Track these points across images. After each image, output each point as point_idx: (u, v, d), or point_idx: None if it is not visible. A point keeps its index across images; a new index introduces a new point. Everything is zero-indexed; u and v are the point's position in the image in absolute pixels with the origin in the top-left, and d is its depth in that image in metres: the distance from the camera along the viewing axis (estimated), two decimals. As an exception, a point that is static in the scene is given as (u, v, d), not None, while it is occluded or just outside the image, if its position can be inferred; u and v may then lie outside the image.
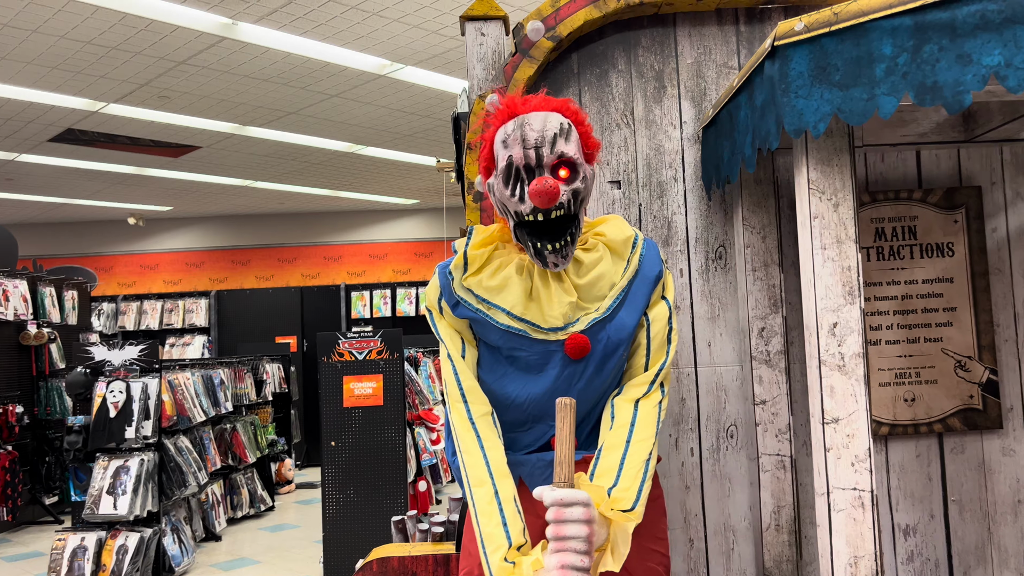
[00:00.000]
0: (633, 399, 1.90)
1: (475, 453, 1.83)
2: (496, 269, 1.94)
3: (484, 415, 1.88)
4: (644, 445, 1.83)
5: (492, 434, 1.87)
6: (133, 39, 5.84)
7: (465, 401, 1.89)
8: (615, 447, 1.83)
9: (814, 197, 1.75)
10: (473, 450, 1.84)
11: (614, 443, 1.84)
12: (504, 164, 1.84)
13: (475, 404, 1.89)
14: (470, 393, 1.90)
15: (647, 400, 1.90)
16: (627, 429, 1.85)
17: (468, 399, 1.89)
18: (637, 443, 1.83)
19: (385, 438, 6.12)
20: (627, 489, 1.76)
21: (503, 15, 2.40)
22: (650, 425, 1.87)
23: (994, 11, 1.41)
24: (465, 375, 1.92)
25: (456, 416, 1.89)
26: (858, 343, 1.73)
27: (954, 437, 2.38)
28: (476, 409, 1.89)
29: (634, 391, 1.91)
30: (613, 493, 1.74)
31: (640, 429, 1.85)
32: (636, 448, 1.82)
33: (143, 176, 10.17)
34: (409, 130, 8.72)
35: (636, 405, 1.89)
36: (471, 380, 1.92)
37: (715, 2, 2.39)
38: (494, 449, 1.83)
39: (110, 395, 6.06)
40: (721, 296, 2.41)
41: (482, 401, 1.90)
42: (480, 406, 1.89)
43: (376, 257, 13.19)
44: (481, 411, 1.88)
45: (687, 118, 2.44)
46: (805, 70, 1.64)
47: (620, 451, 1.82)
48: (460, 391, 1.90)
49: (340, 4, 5.50)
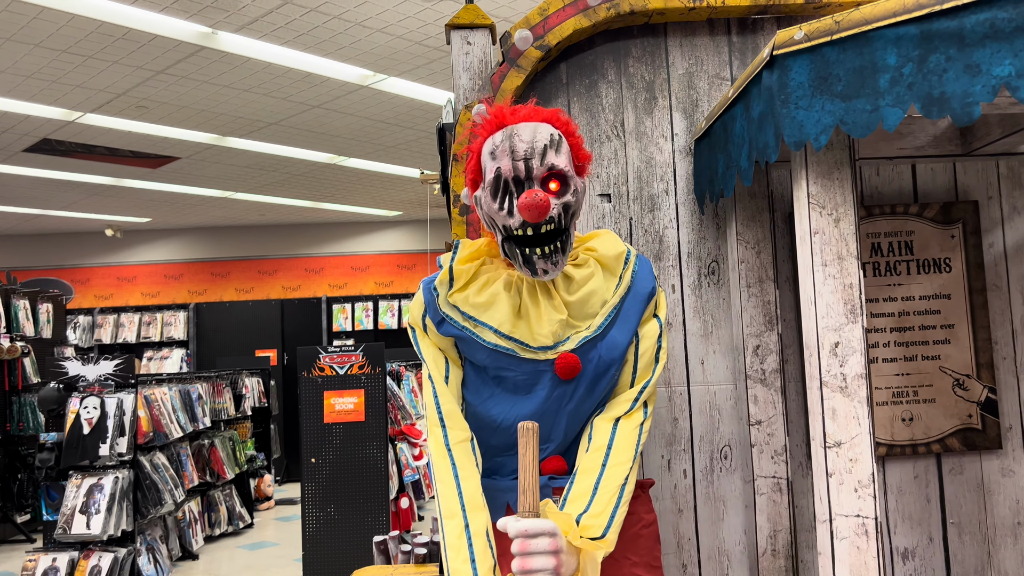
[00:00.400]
0: (613, 418, 1.83)
1: (448, 483, 1.75)
2: (483, 285, 1.86)
3: (462, 441, 1.80)
4: (620, 469, 1.75)
5: (469, 463, 1.78)
6: (110, 48, 5.73)
7: (443, 426, 1.81)
8: (590, 471, 1.76)
9: (814, 212, 1.69)
10: (447, 479, 1.75)
11: (589, 467, 1.76)
12: (492, 176, 1.77)
13: (453, 430, 1.81)
14: (449, 418, 1.82)
15: (628, 420, 1.83)
16: (603, 452, 1.78)
17: (446, 424, 1.81)
18: (613, 467, 1.76)
19: (366, 454, 6.02)
20: (598, 515, 1.69)
21: (490, 24, 2.33)
22: (628, 448, 1.79)
23: (1004, 19, 1.35)
24: (445, 398, 1.84)
25: (433, 441, 1.81)
26: (861, 363, 1.67)
27: (953, 457, 2.32)
28: (454, 435, 1.80)
29: (615, 409, 1.84)
30: (583, 520, 1.67)
31: (617, 452, 1.78)
32: (612, 472, 1.75)
33: (121, 187, 10.01)
34: (392, 141, 8.64)
35: (615, 425, 1.82)
36: (451, 404, 1.83)
37: (707, 12, 2.34)
38: (469, 479, 1.75)
39: (84, 411, 5.91)
40: (714, 313, 2.34)
41: (461, 427, 1.82)
42: (459, 432, 1.81)
43: (358, 269, 13.07)
44: (459, 437, 1.80)
45: (679, 130, 2.38)
46: (805, 80, 1.58)
47: (595, 475, 1.74)
48: (439, 415, 1.82)
49: (322, 14, 5.43)
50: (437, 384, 1.86)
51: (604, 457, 1.77)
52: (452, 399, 1.85)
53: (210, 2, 5.15)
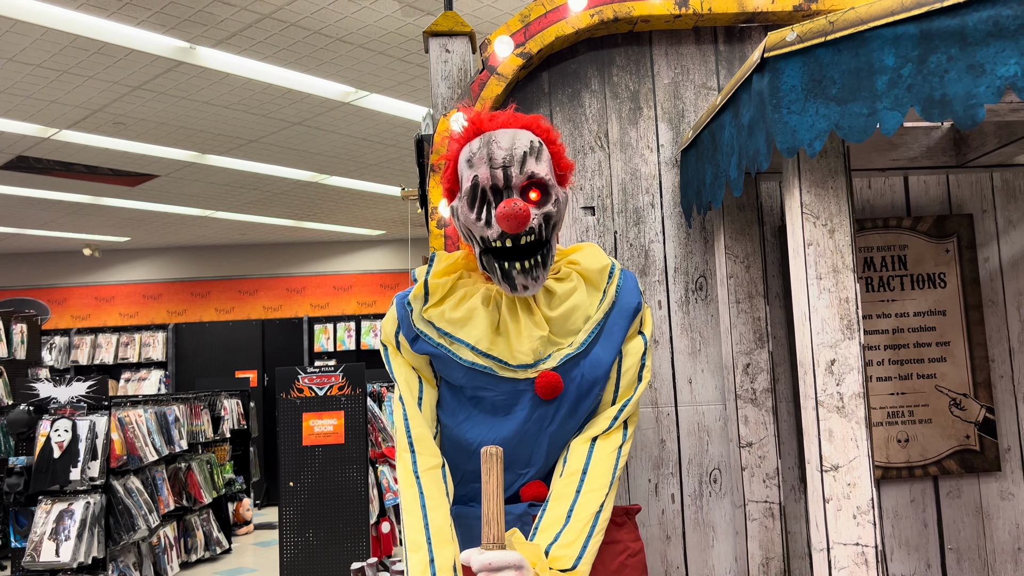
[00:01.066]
0: (590, 438, 1.73)
1: (415, 513, 1.64)
2: (460, 300, 1.76)
3: (432, 468, 1.70)
4: (595, 496, 1.65)
5: (438, 491, 1.67)
6: (85, 62, 5.62)
7: (412, 451, 1.70)
8: (563, 497, 1.66)
9: (808, 223, 1.60)
10: (413, 509, 1.65)
11: (562, 492, 1.67)
12: (469, 185, 1.68)
13: (423, 455, 1.70)
14: (419, 443, 1.71)
15: (605, 440, 1.73)
16: (578, 477, 1.68)
17: (416, 449, 1.71)
18: (588, 493, 1.66)
19: (346, 478, 5.89)
20: (570, 545, 1.58)
21: (469, 31, 2.25)
22: (605, 472, 1.69)
23: (1009, 17, 1.28)
24: (416, 421, 1.73)
25: (401, 467, 1.70)
26: (858, 382, 1.58)
27: (950, 480, 2.23)
28: (423, 461, 1.70)
29: (593, 428, 1.75)
30: (553, 550, 1.56)
31: (593, 477, 1.68)
32: (586, 499, 1.65)
33: (99, 206, 9.85)
34: (375, 159, 8.55)
35: (592, 447, 1.72)
36: (422, 428, 1.73)
37: (693, 20, 2.27)
38: (437, 510, 1.64)
39: (55, 434, 5.75)
40: (702, 330, 2.25)
41: (432, 452, 1.71)
42: (429, 458, 1.70)
43: (340, 289, 12.92)
44: (429, 464, 1.70)
45: (664, 141, 2.30)
46: (798, 83, 1.50)
47: (568, 502, 1.65)
48: (408, 440, 1.71)
49: (302, 28, 5.35)
50: (408, 406, 1.76)
51: (579, 482, 1.67)
52: (423, 423, 1.74)
53: (187, 16, 5.06)
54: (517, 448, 1.75)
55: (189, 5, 4.92)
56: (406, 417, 1.75)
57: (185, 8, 4.96)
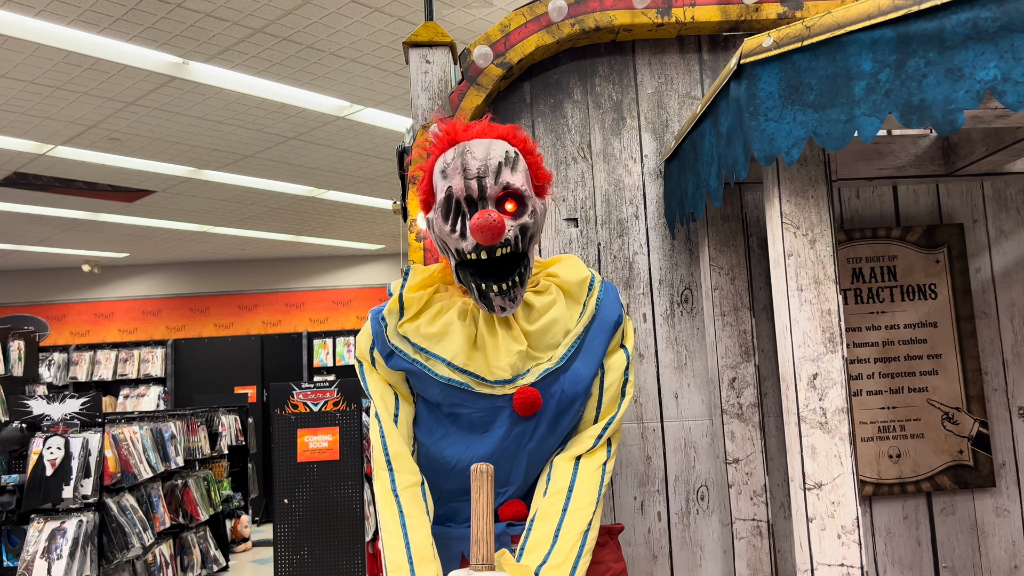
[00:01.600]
0: (574, 456, 1.69)
1: (395, 532, 1.59)
2: (436, 314, 1.72)
3: (411, 486, 1.65)
4: (582, 514, 1.61)
5: (418, 510, 1.63)
6: (78, 78, 5.61)
7: (390, 469, 1.66)
8: (549, 516, 1.61)
9: (788, 233, 1.56)
10: (393, 528, 1.60)
11: (548, 512, 1.62)
12: (443, 196, 1.64)
13: (401, 473, 1.66)
14: (396, 460, 1.67)
15: (589, 459, 1.68)
16: (564, 495, 1.63)
17: (394, 467, 1.66)
18: (575, 511, 1.61)
19: (341, 495, 5.83)
20: (559, 566, 1.54)
21: (449, 41, 2.22)
22: (590, 491, 1.65)
23: (988, 19, 1.24)
24: (393, 439, 1.69)
25: (379, 486, 1.65)
26: (841, 396, 1.53)
27: (944, 496, 2.17)
28: (402, 479, 1.65)
29: (577, 447, 1.70)
30: (542, 572, 1.52)
31: (579, 495, 1.63)
32: (573, 518, 1.60)
33: (97, 222, 9.84)
34: (372, 173, 8.52)
35: (576, 465, 1.67)
36: (399, 445, 1.69)
37: (676, 29, 2.23)
38: (418, 528, 1.59)
39: (47, 452, 5.71)
40: (688, 343, 2.21)
41: (410, 470, 1.67)
42: (407, 475, 1.66)
43: (340, 303, 12.88)
44: (408, 481, 1.65)
45: (648, 151, 2.26)
46: (775, 90, 1.46)
47: (555, 521, 1.60)
48: (386, 458, 1.67)
49: (294, 43, 5.33)
50: (385, 424, 1.71)
51: (565, 501, 1.63)
52: (401, 440, 1.70)
53: (179, 31, 5.05)
54: (496, 466, 1.70)
55: (180, 20, 4.91)
56: (383, 434, 1.71)
57: (176, 23, 4.95)
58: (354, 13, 4.95)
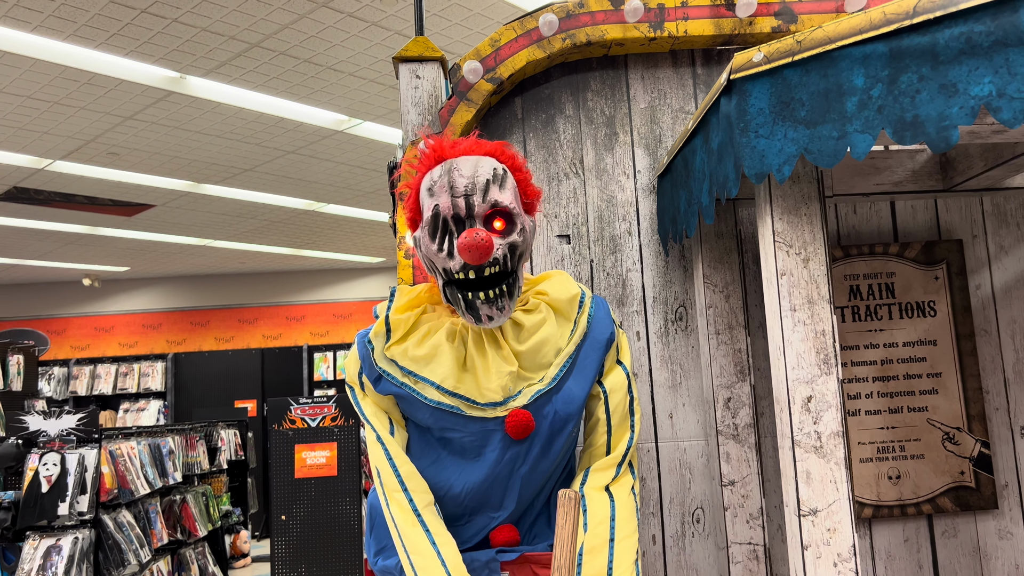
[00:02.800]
0: (602, 486, 1.65)
1: (427, 554, 1.55)
2: (424, 336, 1.68)
3: (430, 504, 1.63)
4: (630, 543, 1.59)
5: (442, 527, 1.61)
6: (75, 93, 5.60)
7: (406, 490, 1.62)
8: (598, 549, 1.57)
9: (780, 251, 1.52)
10: (424, 550, 1.55)
11: (595, 544, 1.58)
12: (430, 214, 1.61)
13: (418, 493, 1.63)
14: (410, 480, 1.63)
15: (619, 486, 1.66)
16: (608, 526, 1.60)
17: (409, 487, 1.62)
18: (622, 541, 1.59)
19: (339, 511, 5.79)
20: None
21: (440, 56, 2.19)
22: (631, 518, 1.63)
23: (982, 33, 1.21)
24: (400, 459, 1.65)
25: (397, 509, 1.60)
26: (837, 420, 1.49)
27: (945, 518, 2.13)
28: (420, 498, 1.62)
29: (601, 477, 1.66)
30: None
31: (622, 524, 1.61)
32: (623, 548, 1.58)
33: (97, 236, 9.83)
34: (371, 187, 8.51)
35: (611, 495, 1.64)
36: (408, 464, 1.65)
37: (669, 43, 2.20)
38: (448, 546, 1.57)
39: (43, 468, 5.66)
40: (683, 362, 2.16)
41: (424, 489, 1.64)
42: (423, 495, 1.63)
43: (340, 317, 12.85)
44: (426, 500, 1.63)
45: (641, 167, 2.23)
46: (766, 106, 1.43)
47: (605, 553, 1.56)
48: (398, 479, 1.63)
49: (292, 57, 5.32)
50: (389, 445, 1.67)
51: (610, 531, 1.60)
52: (408, 459, 1.67)
53: (175, 46, 5.04)
54: (488, 491, 1.67)
55: (177, 35, 4.90)
56: (389, 456, 1.67)
57: (173, 38, 4.94)
58: (351, 27, 4.94)
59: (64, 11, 4.52)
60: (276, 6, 4.61)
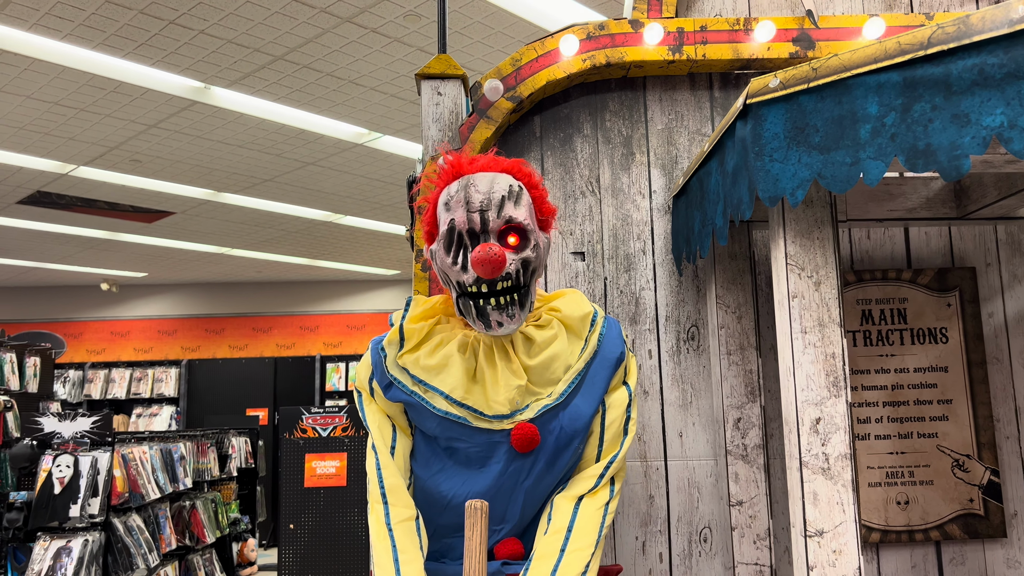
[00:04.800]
0: (576, 496, 1.67)
1: (388, 568, 1.57)
2: (436, 346, 1.71)
3: (405, 520, 1.63)
4: (581, 555, 1.58)
5: (411, 544, 1.61)
6: (101, 101, 5.70)
7: (385, 503, 1.64)
8: (547, 556, 1.59)
9: (792, 274, 1.54)
10: (386, 564, 1.58)
11: (546, 551, 1.59)
12: (446, 228, 1.64)
13: (396, 507, 1.64)
14: (392, 493, 1.65)
15: (592, 499, 1.66)
16: (563, 535, 1.61)
17: (389, 500, 1.65)
18: (573, 552, 1.59)
19: (348, 521, 5.80)
20: None
21: (461, 73, 2.23)
22: (591, 531, 1.63)
23: (994, 65, 1.23)
24: (389, 472, 1.67)
25: (373, 519, 1.64)
26: (845, 442, 1.50)
27: (953, 546, 2.12)
28: (396, 513, 1.63)
29: (579, 486, 1.68)
30: None
31: (578, 536, 1.61)
32: (571, 559, 1.58)
33: (116, 241, 9.95)
34: (388, 199, 8.58)
35: (577, 505, 1.65)
36: (395, 478, 1.67)
37: (687, 66, 2.24)
38: (410, 564, 1.57)
39: (56, 470, 5.71)
40: (694, 381, 2.18)
41: (405, 503, 1.65)
42: (402, 509, 1.64)
43: (354, 328, 12.90)
44: (402, 515, 1.63)
45: (657, 187, 2.26)
46: (781, 131, 1.45)
47: (552, 561, 1.57)
48: (381, 491, 1.65)
49: (315, 71, 5.40)
50: (381, 456, 1.70)
51: (563, 541, 1.60)
52: (397, 472, 1.69)
53: (201, 57, 5.13)
54: (492, 503, 1.68)
55: (203, 46, 4.99)
56: (379, 467, 1.70)
57: (199, 49, 5.03)
58: (374, 43, 5.01)
59: (94, 20, 4.62)
60: (301, 20, 4.69)
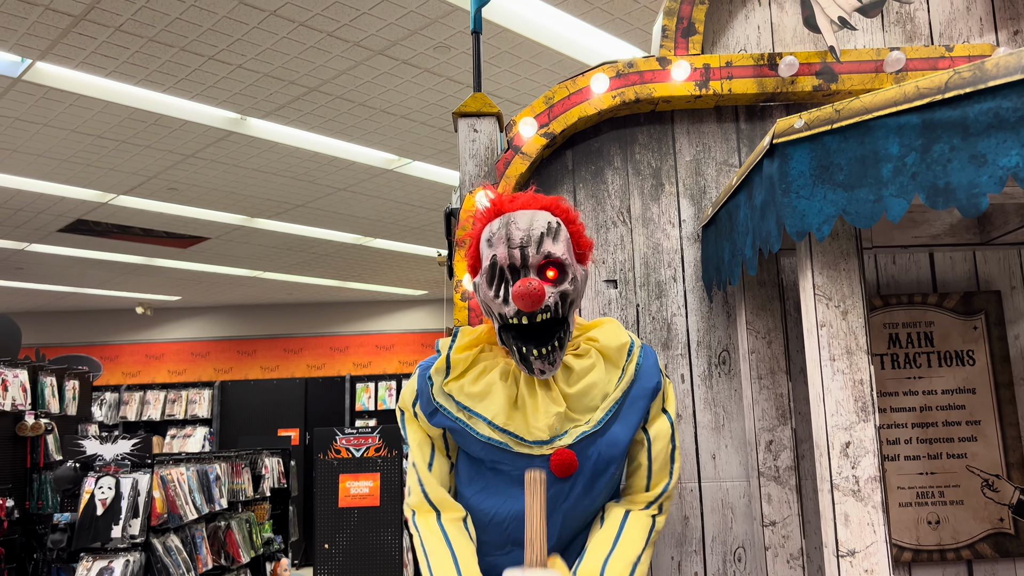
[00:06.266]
0: (625, 508, 1.80)
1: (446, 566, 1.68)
2: (480, 374, 1.80)
3: (455, 520, 1.77)
4: (634, 546, 1.71)
5: (463, 537, 1.74)
6: (142, 133, 5.90)
7: (436, 509, 1.78)
8: (602, 544, 1.72)
9: (820, 304, 1.62)
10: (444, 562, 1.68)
11: (601, 540, 1.72)
12: (488, 263, 1.73)
13: (447, 511, 1.78)
14: (440, 503, 1.79)
15: (640, 512, 1.79)
16: (616, 529, 1.74)
17: (438, 507, 1.78)
18: (626, 542, 1.71)
19: (381, 540, 5.88)
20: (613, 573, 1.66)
21: (496, 111, 2.34)
22: (641, 529, 1.75)
23: (1009, 109, 1.30)
24: (431, 485, 1.80)
25: (423, 525, 1.77)
26: (874, 465, 1.56)
27: (985, 565, 2.17)
28: (448, 515, 1.77)
29: (630, 505, 1.80)
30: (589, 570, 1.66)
31: (631, 530, 1.74)
32: (625, 546, 1.70)
33: (152, 266, 10.19)
34: (417, 223, 8.73)
35: (627, 512, 1.78)
36: (439, 490, 1.80)
37: (714, 100, 2.32)
38: (465, 548, 1.71)
39: (98, 491, 5.85)
40: (726, 404, 2.25)
41: (454, 507, 1.79)
42: (452, 511, 1.78)
43: (383, 348, 13.05)
44: (452, 516, 1.77)
45: (686, 216, 2.34)
46: (806, 169, 1.53)
47: (607, 548, 1.70)
48: (428, 501, 1.80)
49: (347, 101, 5.55)
50: (421, 471, 1.81)
51: (617, 533, 1.73)
52: (438, 486, 1.81)
53: (239, 90, 5.30)
54: None
55: (240, 79, 5.16)
56: (421, 481, 1.80)
57: (236, 83, 5.20)
58: (404, 73, 5.15)
59: (138, 58, 4.80)
60: (335, 53, 4.84)
